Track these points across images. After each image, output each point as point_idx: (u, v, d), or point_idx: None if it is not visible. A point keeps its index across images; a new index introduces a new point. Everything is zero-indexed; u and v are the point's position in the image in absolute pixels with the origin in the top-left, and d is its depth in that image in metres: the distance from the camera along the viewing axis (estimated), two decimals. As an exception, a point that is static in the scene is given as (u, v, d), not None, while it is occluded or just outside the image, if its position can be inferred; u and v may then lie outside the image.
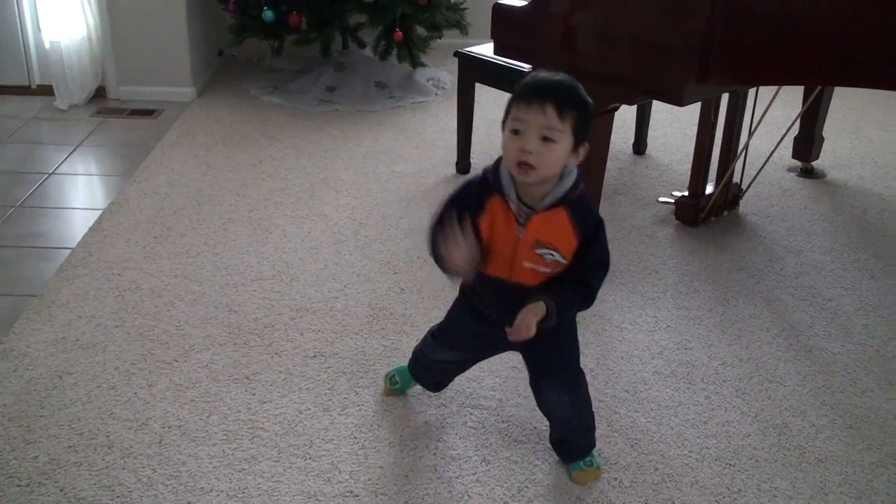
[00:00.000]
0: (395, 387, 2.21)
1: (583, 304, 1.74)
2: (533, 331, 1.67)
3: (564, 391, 1.92)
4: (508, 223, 1.67)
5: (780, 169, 3.65)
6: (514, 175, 1.65)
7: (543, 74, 1.64)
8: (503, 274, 1.72)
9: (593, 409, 2.00)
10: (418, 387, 2.24)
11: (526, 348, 1.87)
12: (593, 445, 2.01)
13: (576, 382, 1.93)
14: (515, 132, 1.61)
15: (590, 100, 1.64)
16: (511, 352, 1.97)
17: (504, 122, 1.66)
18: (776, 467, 2.03)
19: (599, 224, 1.70)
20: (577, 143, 1.63)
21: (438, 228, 1.67)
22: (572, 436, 1.99)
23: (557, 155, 1.60)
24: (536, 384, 1.94)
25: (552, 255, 1.67)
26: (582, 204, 1.68)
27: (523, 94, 1.61)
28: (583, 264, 1.70)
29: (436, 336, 2.05)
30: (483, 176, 1.71)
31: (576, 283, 1.71)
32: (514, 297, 1.70)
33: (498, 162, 1.70)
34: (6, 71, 4.35)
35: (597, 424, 2.14)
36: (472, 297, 1.87)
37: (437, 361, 2.08)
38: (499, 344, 1.85)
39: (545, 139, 1.59)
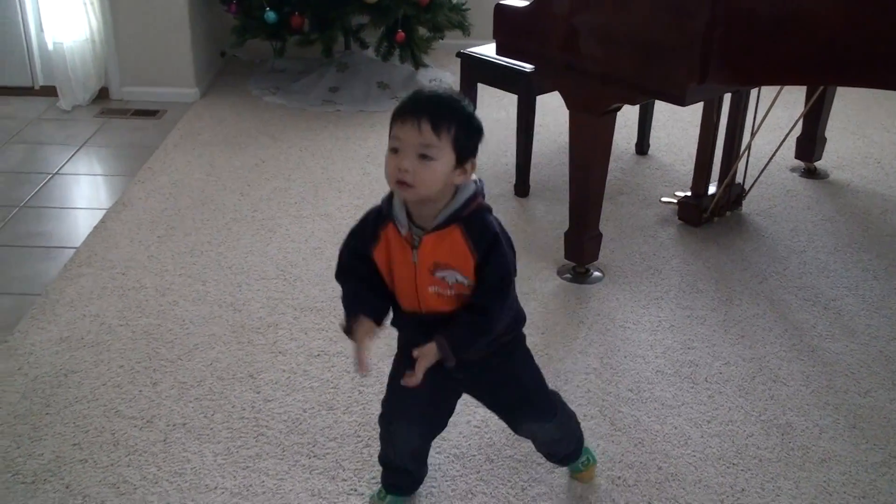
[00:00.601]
0: (385, 500, 1.91)
1: (480, 333, 1.61)
2: (419, 377, 1.56)
3: (544, 419, 1.83)
4: (403, 249, 1.59)
5: (782, 169, 3.66)
6: (396, 195, 1.58)
7: (424, 91, 1.57)
8: (413, 306, 1.63)
9: (575, 414, 1.95)
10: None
11: (482, 397, 1.82)
12: (583, 441, 1.96)
13: (551, 407, 1.85)
14: (394, 150, 1.53)
15: (473, 114, 1.56)
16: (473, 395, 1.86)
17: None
18: (779, 467, 2.04)
19: (495, 239, 1.58)
20: (461, 160, 1.54)
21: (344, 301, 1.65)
22: (557, 450, 1.93)
23: (436, 172, 1.51)
24: (509, 420, 1.85)
25: (453, 275, 1.57)
26: (476, 220, 1.58)
27: (400, 111, 1.53)
28: (482, 287, 1.59)
29: (384, 416, 1.85)
30: (379, 206, 1.63)
31: (472, 311, 1.59)
32: (430, 332, 1.59)
33: (390, 193, 1.62)
34: (10, 72, 4.36)
35: (600, 424, 2.15)
36: (404, 344, 1.75)
37: (400, 452, 1.86)
38: (449, 391, 1.80)
39: (422, 156, 1.50)
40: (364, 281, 1.64)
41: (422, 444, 1.89)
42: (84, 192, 3.46)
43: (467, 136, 1.54)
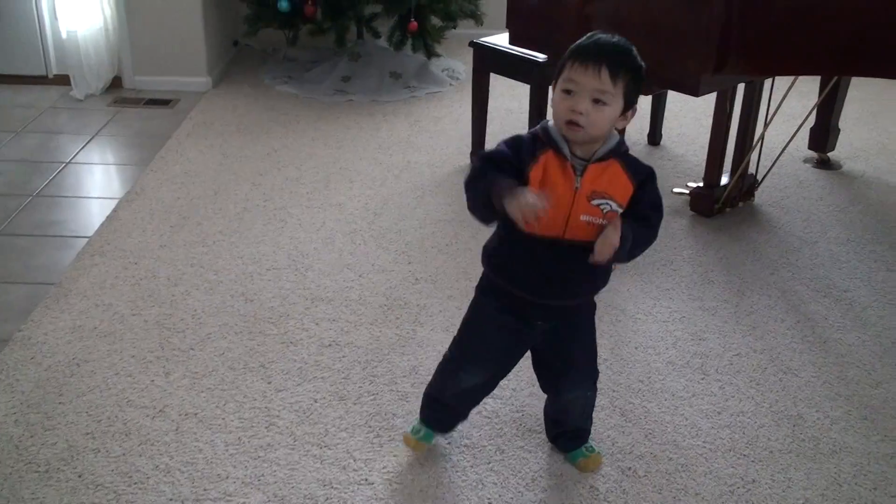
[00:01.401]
0: (419, 435, 2.00)
1: (648, 240, 1.71)
2: (615, 246, 1.61)
3: (585, 386, 1.92)
4: (565, 174, 1.63)
5: (795, 160, 3.64)
6: (565, 133, 1.63)
7: (601, 36, 1.62)
8: (556, 232, 1.65)
9: (607, 399, 2.01)
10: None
11: (549, 353, 1.87)
12: (590, 431, 2.02)
13: (595, 374, 1.93)
14: (567, 92, 1.60)
15: (643, 65, 1.63)
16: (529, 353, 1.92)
17: (556, 80, 1.65)
18: (790, 458, 2.03)
19: (651, 172, 1.69)
20: (626, 107, 1.63)
21: (482, 182, 1.65)
22: (583, 423, 1.99)
23: (607, 117, 1.60)
24: (555, 384, 1.92)
25: (608, 204, 1.64)
26: (631, 157, 1.68)
27: (579, 54, 1.59)
28: (639, 206, 1.67)
29: (453, 359, 1.91)
30: (533, 133, 1.69)
31: (639, 221, 1.67)
32: (559, 265, 1.68)
33: (544, 124, 1.69)
34: (24, 61, 4.38)
35: (611, 415, 2.15)
36: (501, 279, 1.77)
37: (458, 392, 1.93)
38: (526, 342, 1.85)
39: (596, 101, 1.58)
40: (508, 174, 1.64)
41: (483, 390, 1.95)
42: (97, 182, 3.47)
43: (636, 86, 1.62)
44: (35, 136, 3.81)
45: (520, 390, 2.23)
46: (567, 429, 2.00)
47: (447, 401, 1.95)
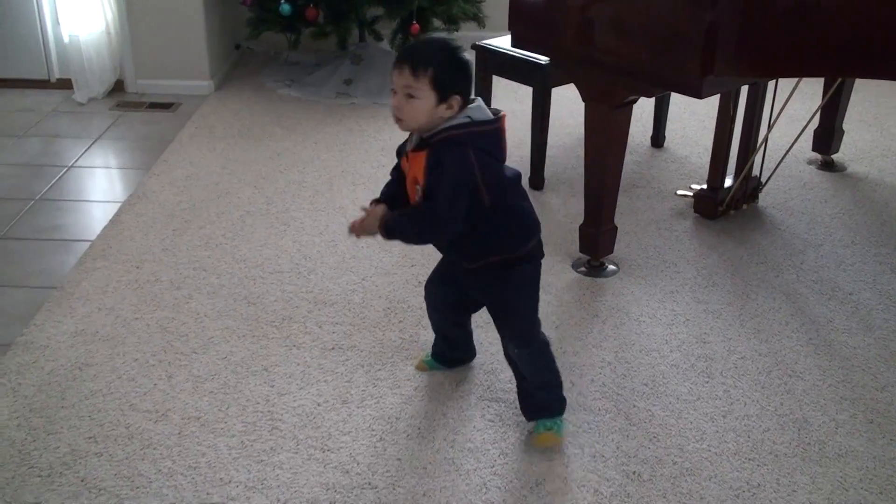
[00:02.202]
0: (426, 358, 2.32)
1: (415, 220, 1.87)
2: (357, 230, 1.93)
3: (514, 343, 2.05)
4: (405, 164, 1.91)
5: (799, 162, 3.63)
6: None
7: (418, 39, 1.86)
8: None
9: (558, 370, 2.07)
10: (435, 378, 2.26)
11: (483, 301, 2.07)
12: (558, 409, 2.07)
13: (528, 337, 2.03)
14: (394, 92, 1.83)
15: (453, 57, 1.82)
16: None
17: None
18: (796, 462, 2.02)
19: (439, 164, 1.80)
20: (443, 97, 1.79)
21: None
22: (531, 389, 2.07)
23: (418, 108, 1.80)
24: (498, 330, 2.08)
25: (420, 189, 1.85)
26: (438, 147, 1.81)
27: (395, 59, 1.83)
28: (425, 192, 1.84)
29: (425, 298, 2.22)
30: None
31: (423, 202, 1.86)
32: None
33: None
34: (26, 65, 4.38)
35: (615, 418, 2.14)
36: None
37: (435, 325, 2.26)
38: (457, 283, 2.08)
39: (408, 96, 1.79)
40: (395, 176, 2.00)
41: (448, 327, 2.24)
42: (99, 185, 3.47)
43: (447, 76, 1.79)
44: (37, 140, 3.81)
45: (524, 394, 2.22)
46: (521, 390, 2.09)
47: (436, 331, 2.27)
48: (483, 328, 2.45)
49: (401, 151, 1.94)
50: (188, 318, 2.52)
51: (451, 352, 2.30)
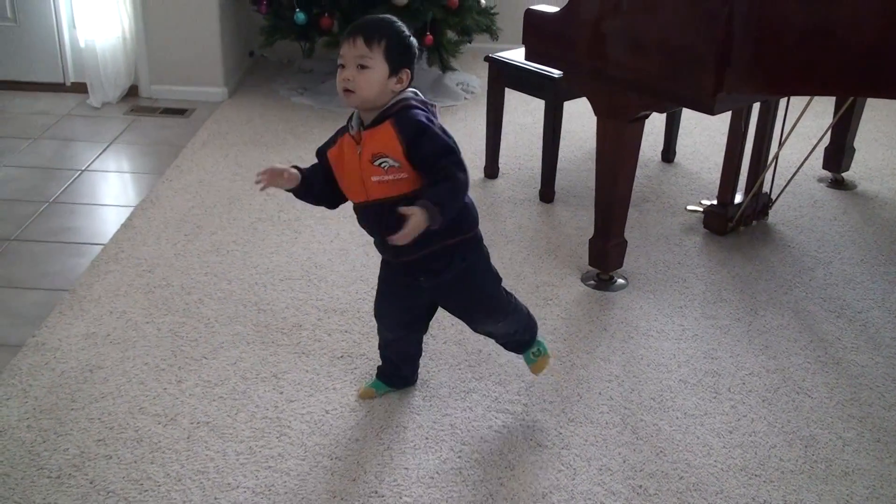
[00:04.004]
0: (369, 383, 2.28)
1: (454, 190, 1.84)
2: (409, 236, 1.78)
3: (489, 324, 2.13)
4: (352, 147, 1.89)
5: (810, 179, 3.63)
6: (342, 103, 1.88)
7: (364, 17, 1.90)
8: (362, 197, 1.91)
9: (524, 306, 2.14)
10: (444, 389, 2.27)
11: (445, 302, 2.11)
12: (534, 334, 2.19)
13: (504, 309, 2.10)
14: (341, 66, 1.85)
15: (403, 31, 1.87)
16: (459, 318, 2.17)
17: None
18: (802, 479, 2.02)
19: (419, 125, 1.83)
20: (394, 70, 1.84)
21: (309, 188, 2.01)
22: (512, 337, 2.17)
23: (371, 79, 1.82)
24: (468, 322, 2.15)
25: (386, 161, 1.84)
26: (402, 114, 1.85)
27: (344, 35, 1.86)
28: (419, 162, 1.83)
29: (375, 314, 2.22)
30: (344, 125, 1.95)
31: (434, 181, 1.83)
32: (384, 218, 1.88)
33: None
34: (42, 69, 4.42)
35: (622, 432, 2.14)
36: (376, 242, 2.04)
37: (387, 345, 2.24)
38: (418, 296, 2.08)
39: (360, 66, 1.82)
40: (317, 167, 2.00)
41: (404, 344, 2.22)
42: (112, 190, 3.49)
43: (398, 49, 1.85)
44: (52, 144, 3.84)
45: (531, 406, 2.23)
46: (503, 340, 2.19)
47: (386, 354, 2.24)
48: (491, 340, 2.47)
49: (329, 142, 1.96)
50: (198, 323, 2.53)
51: (401, 370, 2.26)
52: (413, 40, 1.89)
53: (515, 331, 2.16)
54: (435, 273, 1.99)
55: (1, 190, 3.37)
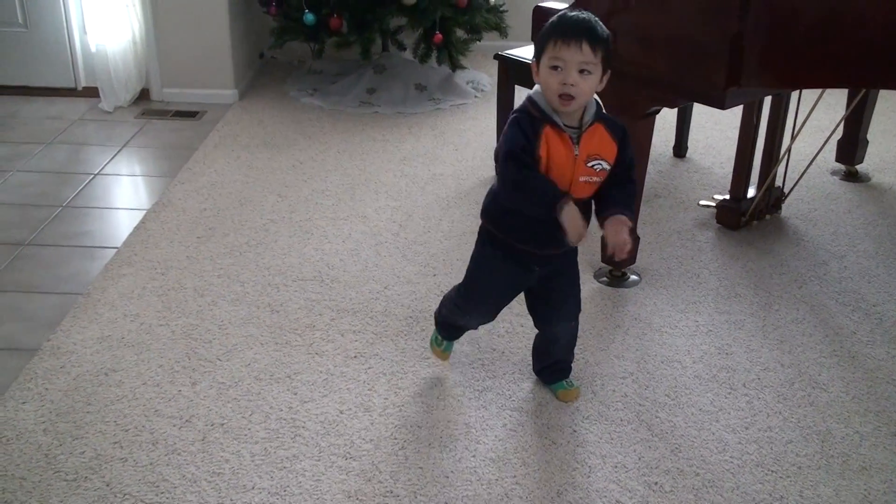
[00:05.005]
0: (442, 346, 2.32)
1: (633, 194, 1.96)
2: (629, 243, 1.89)
3: (572, 318, 2.18)
4: (565, 144, 1.85)
5: (823, 172, 3.61)
6: (556, 106, 1.84)
7: (571, 14, 1.84)
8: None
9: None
10: (458, 388, 2.27)
11: (544, 291, 2.10)
12: (571, 368, 2.28)
13: (579, 310, 2.18)
14: (555, 68, 1.81)
15: (607, 31, 1.84)
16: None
17: (538, 59, 1.86)
18: (819, 474, 2.01)
19: (625, 128, 1.93)
20: (604, 73, 1.85)
21: (530, 187, 1.86)
22: (566, 356, 2.25)
23: (592, 85, 1.83)
24: (548, 319, 2.17)
25: (601, 164, 1.89)
26: (608, 118, 1.92)
27: (559, 33, 1.80)
28: (622, 165, 1.93)
29: (460, 306, 2.19)
30: (526, 113, 1.87)
31: (620, 182, 1.93)
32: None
33: (531, 99, 1.88)
34: (54, 73, 4.44)
35: (637, 429, 2.14)
36: (510, 238, 2.01)
37: (466, 325, 2.26)
38: (523, 285, 2.11)
39: (582, 72, 1.80)
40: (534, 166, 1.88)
41: (487, 322, 2.26)
42: (125, 193, 3.50)
43: (609, 54, 1.84)
44: (64, 148, 3.85)
45: (545, 404, 2.22)
46: (553, 360, 2.24)
47: (459, 325, 2.26)
48: (505, 337, 2.46)
49: (532, 136, 1.82)
50: (212, 325, 2.54)
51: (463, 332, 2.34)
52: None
53: (573, 345, 2.25)
54: (549, 260, 2.04)
55: (15, 194, 3.39)
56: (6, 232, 3.09)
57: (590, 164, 1.87)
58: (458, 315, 2.21)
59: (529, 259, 2.02)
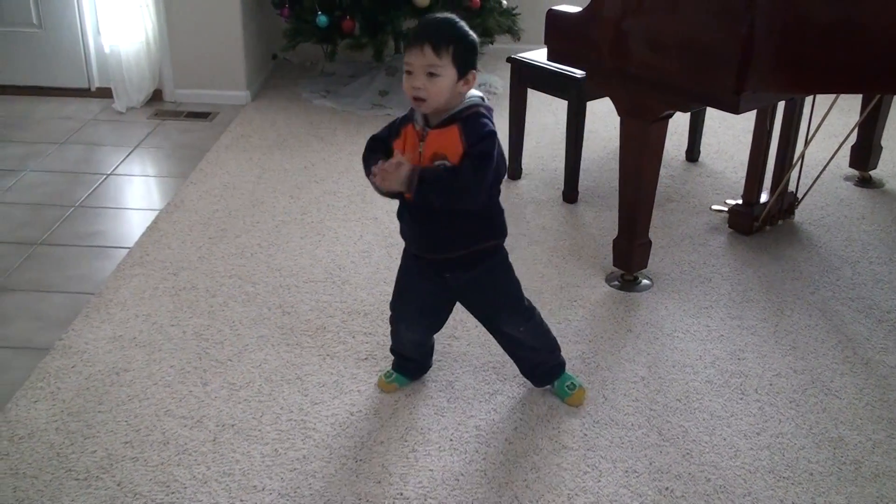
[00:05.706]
0: (391, 378, 2.30)
1: (447, 182, 1.86)
2: (381, 177, 1.86)
3: (519, 323, 2.14)
4: (414, 141, 1.91)
5: (836, 178, 3.60)
6: (414, 108, 1.91)
7: (429, 18, 1.91)
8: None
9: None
10: (468, 391, 2.26)
11: (469, 302, 2.13)
12: (564, 364, 2.25)
13: (526, 313, 2.15)
14: (408, 73, 1.85)
15: (467, 34, 1.87)
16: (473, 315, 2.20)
17: None
18: (831, 481, 2.00)
19: (488, 134, 1.87)
20: (462, 73, 1.85)
21: (367, 157, 1.98)
22: (542, 358, 2.22)
23: (442, 86, 1.83)
24: (493, 329, 2.18)
25: (443, 162, 1.87)
26: (474, 123, 1.87)
27: (409, 38, 1.85)
28: (465, 154, 1.87)
29: (393, 317, 2.23)
30: (406, 113, 1.97)
31: (449, 167, 1.88)
32: (423, 224, 1.98)
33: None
34: (67, 74, 4.46)
35: (648, 433, 2.13)
36: (404, 241, 2.10)
37: (406, 343, 2.25)
38: (444, 293, 2.12)
39: (430, 75, 1.82)
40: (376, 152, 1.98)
41: (423, 340, 2.27)
42: (137, 193, 3.52)
43: (466, 52, 1.85)
44: (77, 148, 3.87)
45: (555, 407, 2.22)
46: (530, 364, 2.23)
47: (404, 352, 2.26)
48: (516, 341, 2.45)
49: (394, 131, 1.96)
50: (223, 326, 2.54)
51: (420, 363, 2.32)
52: (476, 39, 1.90)
53: (541, 346, 2.20)
54: (461, 270, 2.03)
55: (28, 194, 3.41)
56: (19, 231, 3.11)
57: (436, 163, 1.88)
58: (393, 323, 2.24)
59: (429, 265, 2.06)
